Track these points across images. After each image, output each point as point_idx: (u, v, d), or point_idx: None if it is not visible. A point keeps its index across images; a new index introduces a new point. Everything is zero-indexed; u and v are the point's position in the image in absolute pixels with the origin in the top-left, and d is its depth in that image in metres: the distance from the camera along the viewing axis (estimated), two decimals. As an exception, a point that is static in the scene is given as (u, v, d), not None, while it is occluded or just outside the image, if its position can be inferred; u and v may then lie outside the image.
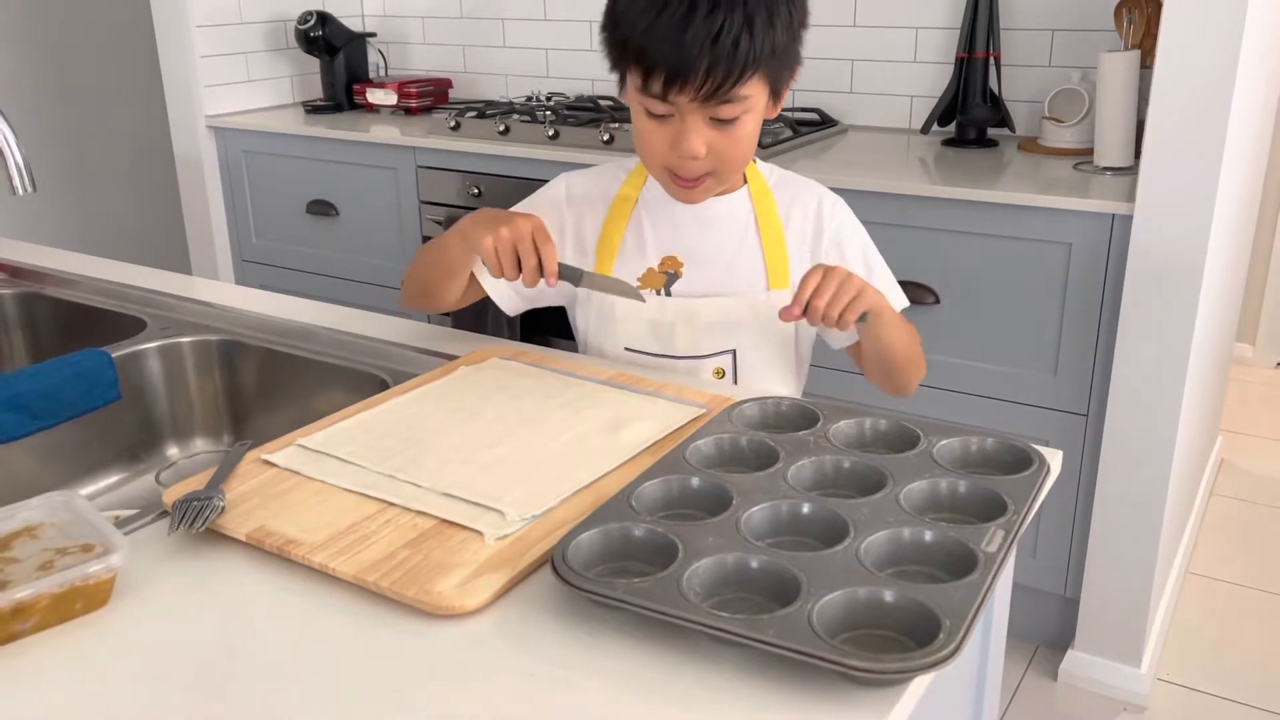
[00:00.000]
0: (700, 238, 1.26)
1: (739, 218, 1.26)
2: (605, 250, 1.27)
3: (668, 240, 1.26)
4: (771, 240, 1.25)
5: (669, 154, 1.14)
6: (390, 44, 3.18)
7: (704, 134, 1.12)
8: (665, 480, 0.90)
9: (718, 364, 1.26)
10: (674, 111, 1.11)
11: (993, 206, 1.88)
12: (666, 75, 1.07)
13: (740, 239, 1.26)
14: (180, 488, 0.92)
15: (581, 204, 1.30)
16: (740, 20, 1.05)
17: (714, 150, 1.13)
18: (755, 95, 1.11)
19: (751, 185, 1.27)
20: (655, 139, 1.14)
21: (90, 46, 3.56)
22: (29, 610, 0.75)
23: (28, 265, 1.63)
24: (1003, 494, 0.86)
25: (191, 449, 1.38)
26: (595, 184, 1.31)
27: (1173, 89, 1.69)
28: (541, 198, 1.32)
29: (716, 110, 1.10)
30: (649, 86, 1.09)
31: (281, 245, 2.86)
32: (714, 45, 1.05)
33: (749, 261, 1.25)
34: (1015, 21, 2.30)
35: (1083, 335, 1.87)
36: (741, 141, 1.14)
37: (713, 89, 1.07)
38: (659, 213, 1.27)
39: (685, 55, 1.05)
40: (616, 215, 1.27)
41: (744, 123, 1.13)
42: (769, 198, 1.27)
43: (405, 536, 0.85)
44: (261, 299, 1.49)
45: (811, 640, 0.68)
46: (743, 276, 1.25)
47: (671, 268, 1.26)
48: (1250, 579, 2.37)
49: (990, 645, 1.01)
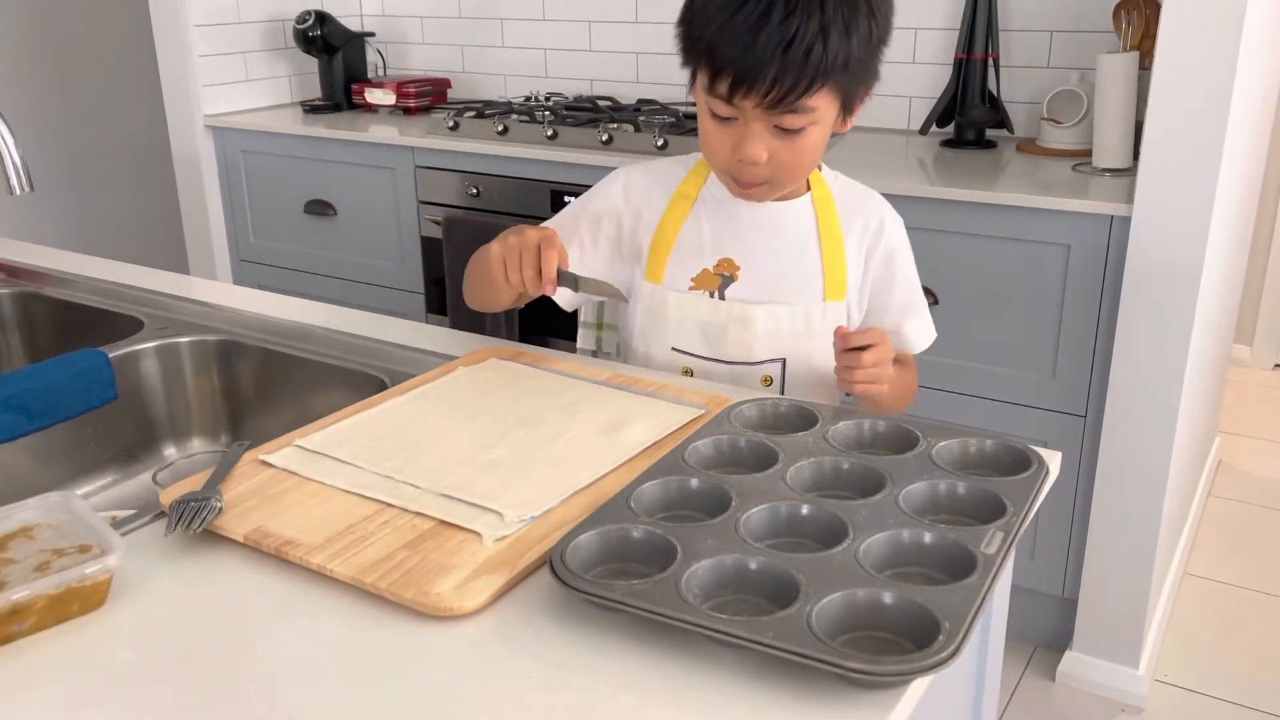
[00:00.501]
0: (759, 242, 1.23)
1: (800, 225, 1.23)
2: (661, 247, 1.25)
3: (726, 242, 1.23)
4: (832, 250, 1.23)
5: (730, 156, 1.12)
6: (389, 44, 3.18)
7: (766, 141, 1.10)
8: (664, 481, 0.89)
9: (767, 372, 1.24)
10: (738, 115, 1.09)
11: (991, 208, 1.88)
12: (734, 78, 1.05)
13: (801, 247, 1.23)
14: (177, 488, 0.92)
15: (640, 200, 1.27)
16: (816, 29, 1.02)
17: (775, 158, 1.11)
18: (823, 107, 1.09)
19: (815, 192, 1.24)
20: (718, 140, 1.12)
21: (88, 46, 3.56)
22: (25, 611, 0.75)
23: (25, 265, 1.62)
24: (1002, 495, 0.86)
25: (189, 449, 1.37)
26: (655, 180, 1.28)
27: (1171, 90, 1.69)
28: (599, 194, 1.29)
29: (781, 119, 1.08)
30: (715, 88, 1.07)
31: (280, 245, 2.85)
32: (785, 52, 1.02)
33: (807, 270, 1.23)
34: (1014, 23, 2.30)
35: (1081, 336, 1.87)
36: (805, 152, 1.12)
37: (779, 96, 1.05)
38: (718, 214, 1.24)
39: (755, 59, 1.03)
40: (675, 213, 1.25)
41: (809, 134, 1.10)
42: (831, 205, 1.24)
43: (403, 538, 0.85)
44: (259, 299, 1.48)
45: (810, 642, 0.68)
46: (799, 285, 1.22)
47: (727, 270, 1.23)
48: (1248, 580, 2.37)
49: (989, 647, 1.01)
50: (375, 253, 2.67)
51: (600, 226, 1.27)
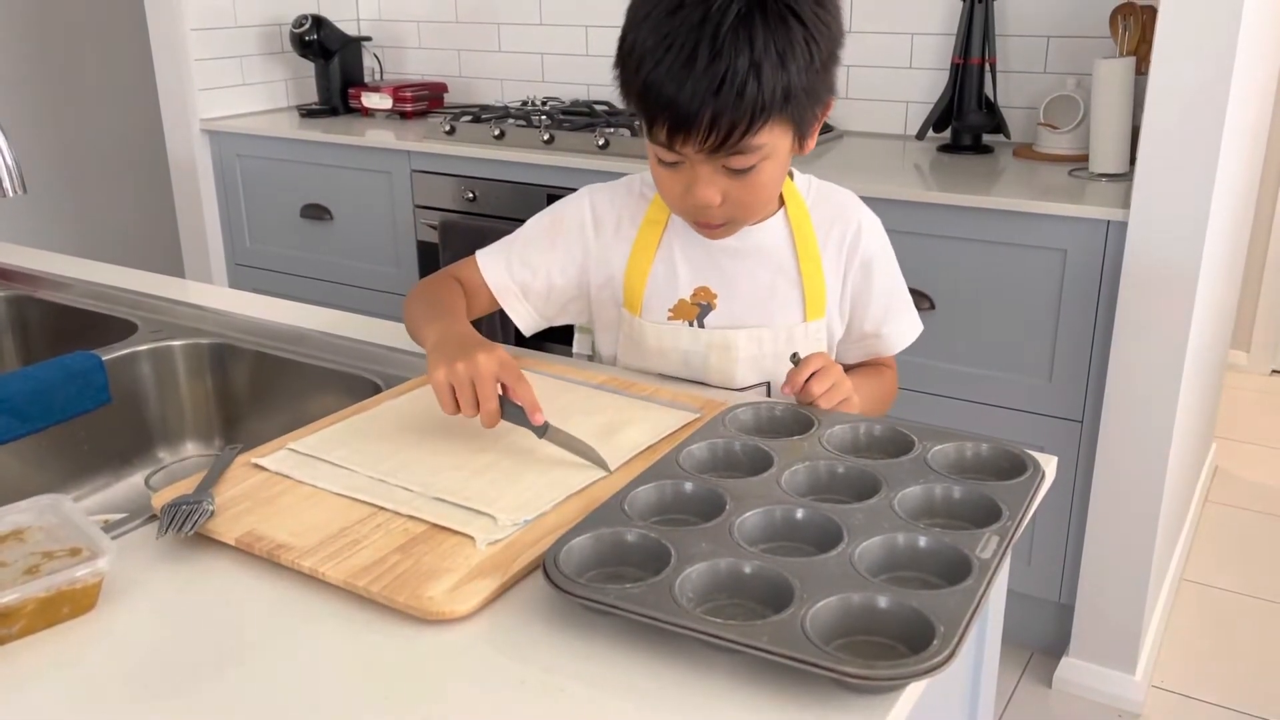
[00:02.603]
0: (735, 269, 1.18)
1: (776, 247, 1.19)
2: (635, 280, 1.20)
3: (701, 271, 1.19)
4: (810, 270, 1.18)
5: (683, 201, 1.08)
6: (385, 48, 3.17)
7: (718, 183, 1.04)
8: (658, 485, 0.89)
9: (752, 398, 1.20)
10: (684, 160, 1.04)
11: (988, 212, 1.88)
12: (670, 125, 0.99)
13: (777, 269, 1.19)
14: (169, 491, 0.92)
15: (608, 229, 1.21)
16: (746, 66, 0.96)
17: (730, 198, 1.06)
18: (771, 141, 1.02)
19: (790, 207, 1.19)
20: (669, 185, 1.08)
21: (84, 49, 3.55)
22: (15, 614, 0.75)
23: (19, 268, 1.62)
24: (997, 499, 0.86)
25: (182, 453, 1.37)
26: (622, 206, 1.22)
27: (1167, 96, 1.69)
28: (567, 219, 1.23)
29: (729, 160, 1.02)
30: (654, 134, 1.02)
31: (275, 249, 2.85)
32: (717, 95, 0.96)
33: (786, 292, 1.19)
34: (1011, 28, 2.30)
35: (1078, 341, 1.87)
36: (760, 189, 1.07)
37: (719, 141, 0.99)
38: (690, 242, 1.19)
39: (686, 105, 0.97)
40: (645, 243, 1.19)
41: (761, 170, 1.04)
42: (807, 221, 1.19)
43: (396, 541, 0.84)
44: (253, 302, 1.48)
45: (805, 646, 0.68)
46: (779, 308, 1.19)
47: (704, 299, 1.19)
48: (1245, 586, 2.37)
49: (985, 651, 1.00)
50: (371, 257, 2.66)
51: (570, 249, 1.22)
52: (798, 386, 1.04)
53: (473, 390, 0.96)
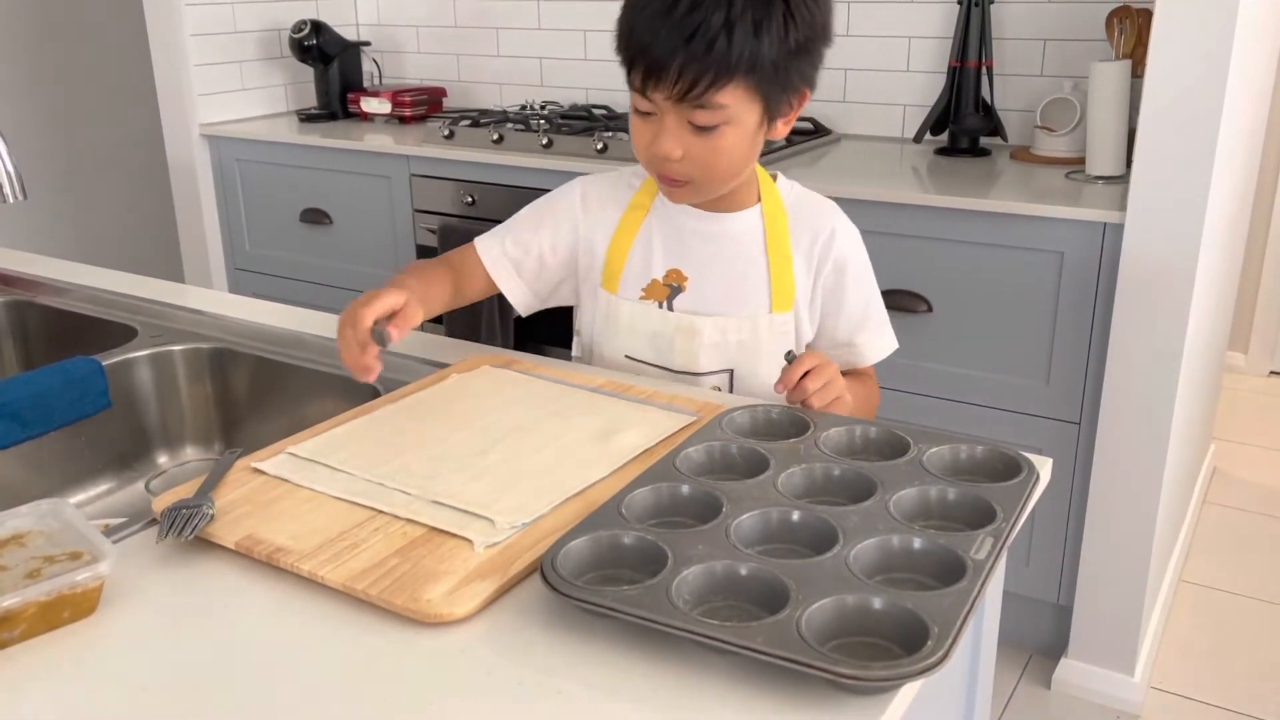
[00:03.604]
0: (706, 254, 1.23)
1: (748, 237, 1.23)
2: (615, 256, 1.26)
3: (674, 254, 1.24)
4: (779, 263, 1.22)
5: (649, 151, 1.13)
6: (384, 53, 3.18)
7: (681, 138, 1.10)
8: (655, 488, 0.90)
9: (715, 383, 1.24)
10: (655, 109, 1.10)
11: (985, 215, 1.88)
12: (644, 69, 1.07)
13: (747, 259, 1.23)
14: (169, 496, 0.92)
15: (596, 211, 1.28)
16: (720, 23, 1.02)
17: (691, 156, 1.11)
18: (735, 106, 1.07)
19: (766, 204, 1.24)
20: (640, 134, 1.14)
21: (84, 54, 3.56)
22: (16, 618, 0.75)
23: (19, 273, 1.62)
24: (992, 501, 0.86)
25: (182, 457, 1.37)
26: (611, 191, 1.29)
27: (1163, 98, 1.70)
28: (559, 202, 1.30)
29: (693, 114, 1.07)
30: (631, 79, 1.10)
31: (275, 254, 2.86)
32: (688, 44, 1.03)
33: (754, 283, 1.22)
34: (1007, 31, 2.31)
35: (1075, 343, 1.88)
36: (721, 153, 1.11)
37: (685, 89, 1.05)
38: (668, 225, 1.25)
39: (659, 50, 1.04)
40: (628, 224, 1.26)
41: (724, 134, 1.09)
42: (781, 218, 1.24)
43: (395, 544, 0.85)
44: (253, 307, 1.48)
45: (800, 648, 0.68)
46: (746, 297, 1.23)
47: (675, 281, 1.24)
48: (1243, 587, 2.38)
49: (981, 652, 1.01)
50: (371, 261, 2.67)
51: (559, 228, 1.28)
52: (791, 384, 1.06)
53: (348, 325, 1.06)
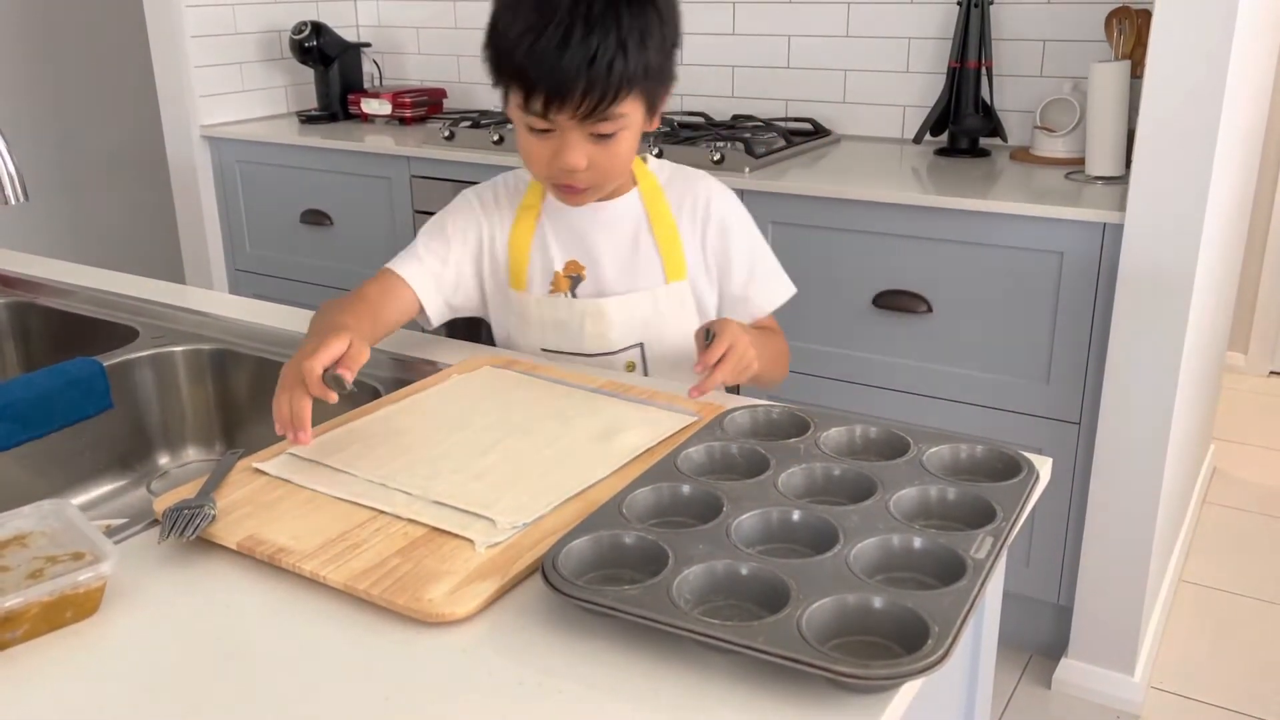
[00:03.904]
0: (597, 241, 1.31)
1: (632, 218, 1.31)
2: (517, 259, 1.32)
3: (569, 246, 1.32)
4: (665, 236, 1.31)
5: (550, 166, 1.19)
6: (385, 54, 3.19)
7: (584, 149, 1.17)
8: (656, 488, 0.90)
9: (628, 358, 1.32)
10: (555, 127, 1.16)
11: (985, 216, 1.88)
12: (546, 95, 1.12)
13: (635, 238, 1.31)
14: (171, 496, 0.92)
15: (494, 215, 1.34)
16: (614, 43, 1.10)
17: (594, 163, 1.18)
18: (631, 113, 1.17)
19: (642, 185, 1.32)
20: (538, 152, 1.19)
21: (84, 56, 3.56)
22: (19, 618, 0.75)
23: (21, 275, 1.63)
24: (992, 501, 0.86)
25: (183, 458, 1.37)
26: (502, 195, 1.36)
27: (1162, 99, 1.70)
28: (459, 214, 1.35)
29: (595, 127, 1.15)
30: (530, 105, 1.14)
31: (275, 255, 2.86)
32: (590, 67, 1.10)
33: (646, 259, 1.31)
34: (1007, 32, 2.31)
35: (1074, 343, 1.88)
36: (619, 156, 1.20)
37: (590, 108, 1.12)
38: (559, 220, 1.32)
39: (563, 77, 1.10)
40: (523, 225, 1.33)
41: (621, 138, 1.18)
42: (660, 195, 1.32)
43: (396, 545, 0.85)
44: (254, 308, 1.49)
45: (801, 647, 0.68)
46: (642, 273, 1.31)
47: (574, 271, 1.32)
48: (1243, 587, 2.38)
49: (981, 652, 1.01)
50: (371, 262, 2.65)
51: (465, 235, 1.33)
52: (708, 366, 1.12)
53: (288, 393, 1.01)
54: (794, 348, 2.10)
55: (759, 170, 2.13)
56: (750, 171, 2.11)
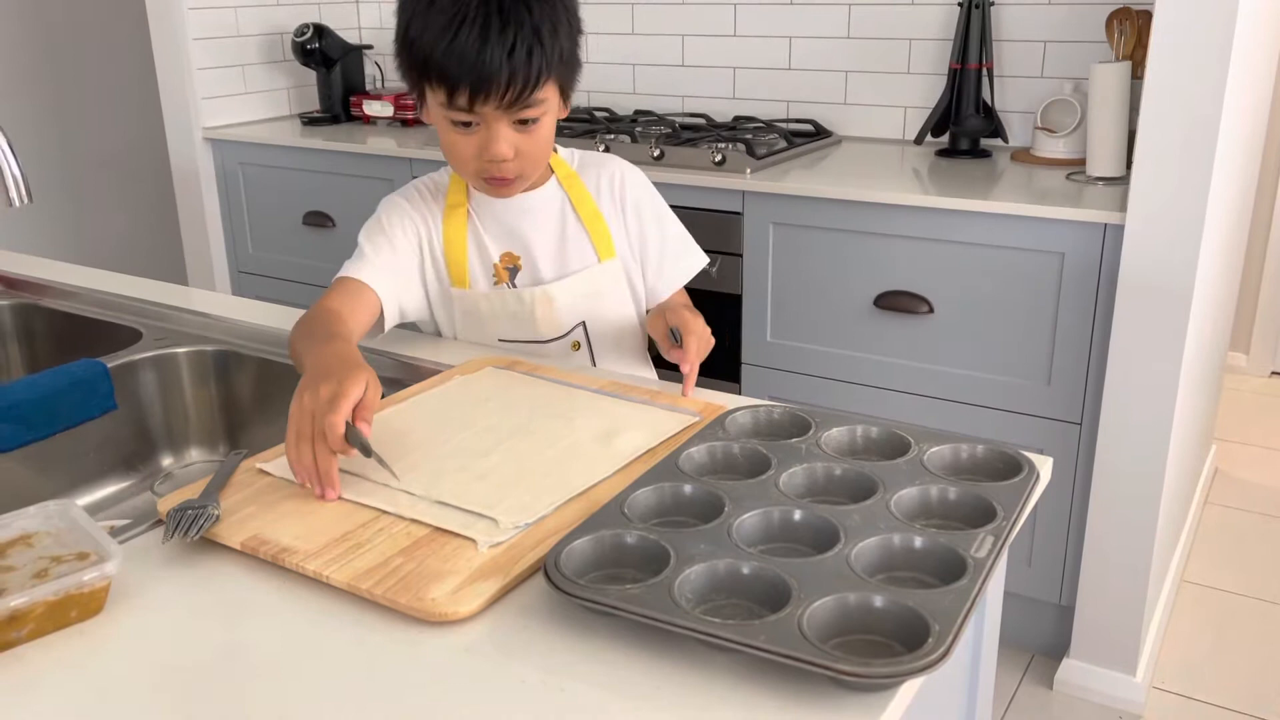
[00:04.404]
0: (527, 230, 1.35)
1: (556, 205, 1.36)
2: (456, 258, 1.34)
3: (501, 239, 1.36)
4: (590, 217, 1.36)
5: (478, 160, 1.23)
6: (386, 56, 3.19)
7: (509, 138, 1.21)
8: (657, 488, 0.90)
9: (573, 338, 1.37)
10: (478, 120, 1.20)
11: (986, 216, 1.89)
12: (471, 89, 1.16)
13: (562, 224, 1.36)
14: (175, 496, 0.93)
15: (426, 216, 1.36)
16: (530, 33, 1.16)
17: (520, 151, 1.23)
18: (550, 98, 1.22)
19: (558, 173, 1.37)
20: (464, 147, 1.23)
21: (87, 58, 3.57)
22: (24, 618, 0.76)
23: (25, 277, 1.63)
24: (992, 500, 0.87)
25: (187, 459, 1.38)
26: (427, 195, 1.37)
27: (1163, 99, 1.71)
28: (394, 217, 1.34)
29: (519, 113, 1.20)
30: (455, 101, 1.18)
31: (278, 257, 2.86)
32: (510, 57, 1.15)
33: (576, 241, 1.36)
34: (1008, 33, 2.31)
35: (1075, 344, 1.88)
36: (542, 141, 1.25)
37: (515, 96, 1.17)
38: (486, 215, 1.36)
39: (487, 70, 1.15)
40: (454, 223, 1.35)
41: (543, 124, 1.24)
42: (576, 180, 1.37)
43: (399, 544, 0.85)
44: (257, 309, 1.49)
45: (802, 645, 0.69)
46: (574, 256, 1.36)
47: (510, 263, 1.36)
48: (1245, 587, 2.38)
49: (982, 651, 1.01)
50: (373, 264, 2.67)
51: (405, 233, 1.34)
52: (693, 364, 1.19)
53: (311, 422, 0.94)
54: (796, 348, 2.12)
55: (760, 171, 2.14)
56: (751, 173, 2.12)
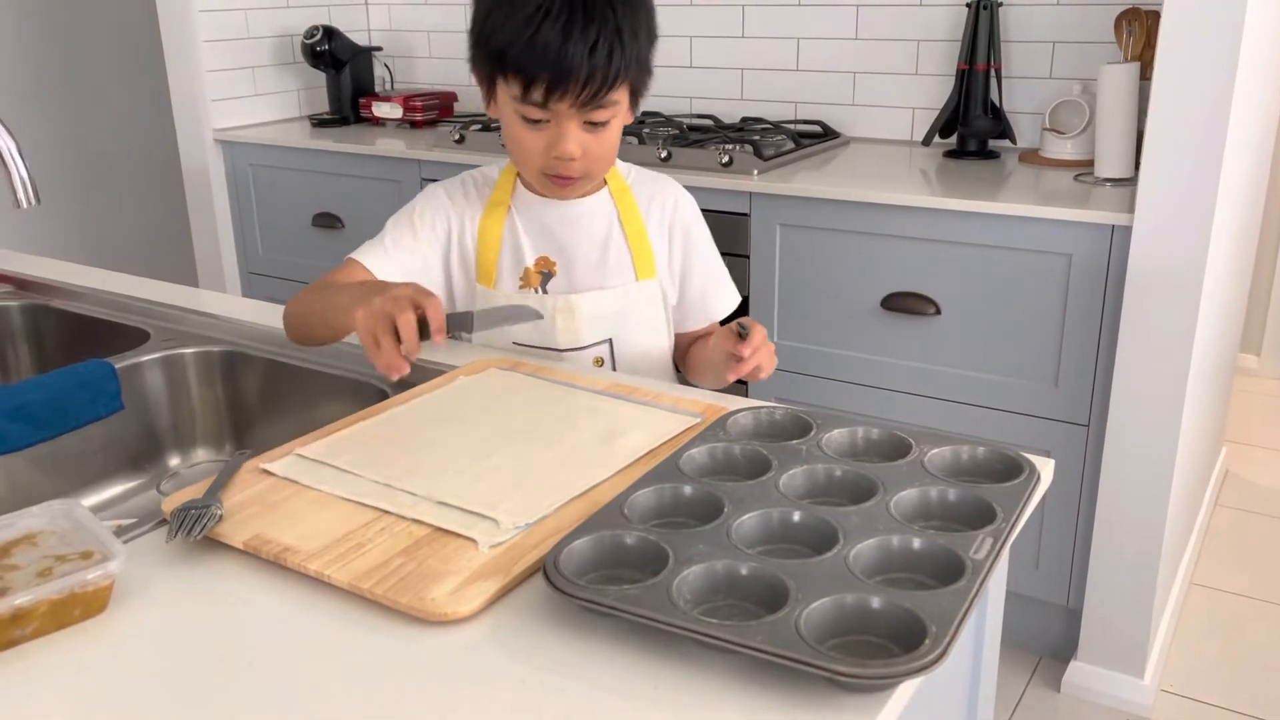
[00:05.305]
0: (569, 237, 1.33)
1: (603, 215, 1.34)
2: (487, 254, 1.34)
3: (540, 242, 1.34)
4: (635, 234, 1.35)
5: (545, 156, 1.23)
6: (396, 58, 3.20)
7: (579, 137, 1.21)
8: (657, 489, 0.90)
9: (597, 354, 1.35)
10: (550, 117, 1.20)
11: (993, 218, 1.88)
12: (548, 84, 1.16)
13: (606, 235, 1.34)
14: (179, 496, 0.93)
15: (463, 210, 1.35)
16: (613, 32, 1.15)
17: (587, 151, 1.23)
18: (622, 101, 1.22)
19: (611, 184, 1.36)
20: (531, 143, 1.22)
21: (98, 60, 3.59)
22: (28, 616, 0.76)
23: (34, 277, 1.64)
24: (992, 502, 0.87)
25: (193, 459, 1.39)
26: (471, 190, 1.37)
27: (1171, 100, 1.70)
28: (427, 207, 1.36)
29: (591, 114, 1.20)
30: (530, 95, 1.17)
31: (287, 258, 2.87)
32: (591, 55, 1.15)
33: (617, 255, 1.34)
34: (1016, 34, 2.31)
35: (1083, 346, 1.88)
36: (610, 144, 1.25)
37: (590, 95, 1.17)
38: (529, 216, 1.34)
39: (567, 65, 1.14)
40: (493, 220, 1.34)
41: (612, 126, 1.23)
42: (629, 194, 1.36)
43: (400, 544, 0.86)
44: (264, 310, 1.50)
45: (799, 646, 0.69)
46: (613, 270, 1.34)
47: (545, 267, 1.34)
48: (1254, 590, 2.37)
49: (983, 653, 1.01)
50: (382, 265, 2.68)
51: (433, 227, 1.35)
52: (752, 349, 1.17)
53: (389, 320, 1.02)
54: (803, 350, 2.12)
55: (768, 173, 2.14)
56: (759, 174, 2.12)
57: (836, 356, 2.09)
